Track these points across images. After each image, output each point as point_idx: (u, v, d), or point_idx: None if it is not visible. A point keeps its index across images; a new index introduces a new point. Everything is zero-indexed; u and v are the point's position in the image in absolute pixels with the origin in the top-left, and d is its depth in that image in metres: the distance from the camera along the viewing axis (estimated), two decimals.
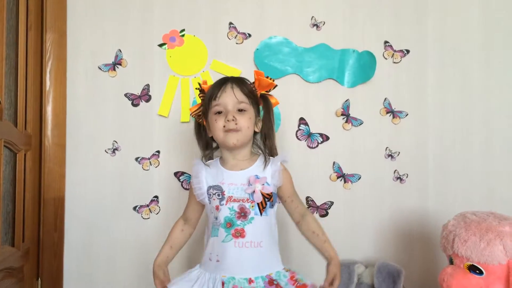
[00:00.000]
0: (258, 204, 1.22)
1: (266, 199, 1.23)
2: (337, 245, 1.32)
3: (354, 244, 1.75)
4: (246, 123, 1.25)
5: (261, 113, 1.33)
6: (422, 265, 1.76)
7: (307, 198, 1.74)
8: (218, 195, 1.24)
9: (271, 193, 1.25)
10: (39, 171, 1.69)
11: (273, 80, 1.31)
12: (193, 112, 1.34)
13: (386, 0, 1.77)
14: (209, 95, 1.26)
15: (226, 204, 1.22)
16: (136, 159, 1.73)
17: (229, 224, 1.21)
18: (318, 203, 1.75)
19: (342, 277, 1.60)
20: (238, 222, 1.21)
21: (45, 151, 1.69)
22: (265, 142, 1.31)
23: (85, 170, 1.72)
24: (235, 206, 1.22)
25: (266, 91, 1.32)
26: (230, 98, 1.24)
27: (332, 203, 1.75)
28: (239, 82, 1.27)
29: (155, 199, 1.73)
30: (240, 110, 1.25)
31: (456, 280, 1.25)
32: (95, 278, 1.72)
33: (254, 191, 1.22)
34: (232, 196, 1.23)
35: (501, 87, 1.78)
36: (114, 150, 1.72)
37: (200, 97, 1.33)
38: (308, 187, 1.75)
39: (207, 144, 1.36)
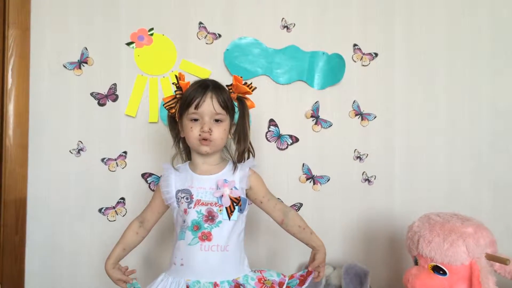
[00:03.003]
0: (226, 208, 1.22)
1: (234, 203, 1.23)
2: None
3: None
4: (221, 135, 1.25)
5: (236, 115, 1.32)
6: (389, 265, 1.79)
7: None
8: (187, 198, 1.23)
9: (239, 197, 1.25)
10: (0, 171, 1.62)
11: (251, 87, 1.29)
12: (167, 103, 1.29)
13: (356, 4, 1.79)
14: (188, 99, 1.23)
15: (194, 207, 1.22)
16: (102, 160, 1.68)
17: (196, 227, 1.21)
18: (288, 204, 1.74)
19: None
20: (206, 225, 1.21)
21: (6, 151, 1.63)
22: (238, 146, 1.31)
23: (48, 171, 1.66)
24: (203, 209, 1.22)
25: (243, 95, 1.31)
26: (208, 109, 1.23)
27: (301, 204, 1.76)
28: (219, 91, 1.25)
29: (122, 201, 1.69)
30: (217, 120, 1.25)
31: (420, 280, 1.27)
32: (58, 283, 1.67)
33: (222, 195, 1.23)
34: (200, 199, 1.23)
35: (464, 89, 1.83)
36: (79, 151, 1.68)
37: (176, 93, 1.29)
38: (277, 188, 1.73)
39: (179, 140, 1.35)
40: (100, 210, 1.68)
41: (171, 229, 1.39)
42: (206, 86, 1.25)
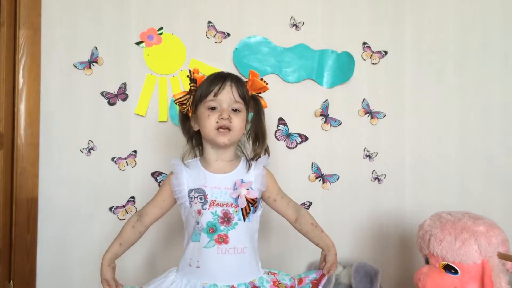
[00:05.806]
0: (242, 209, 1.18)
1: (250, 204, 1.19)
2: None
3: None
4: (240, 124, 1.21)
5: (250, 114, 1.29)
6: (399, 265, 1.78)
7: None
8: (201, 198, 1.18)
9: (256, 198, 1.21)
10: (11, 171, 1.64)
11: (267, 84, 1.27)
12: (178, 99, 1.24)
13: (365, 2, 1.79)
14: (205, 89, 1.20)
15: (209, 209, 1.17)
16: (113, 159, 1.69)
17: (212, 229, 1.16)
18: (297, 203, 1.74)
19: None
20: (222, 227, 1.17)
21: (18, 151, 1.64)
22: (255, 145, 1.27)
23: (59, 170, 1.67)
24: (219, 210, 1.17)
25: (257, 93, 1.29)
26: (228, 96, 1.19)
27: (310, 203, 1.75)
28: (238, 81, 1.23)
29: (132, 199, 1.70)
30: (235, 110, 1.21)
31: (432, 279, 1.27)
32: (69, 281, 1.68)
33: (239, 196, 1.18)
34: (215, 200, 1.18)
35: (475, 88, 1.81)
36: (90, 150, 1.69)
37: (191, 86, 1.24)
38: (286, 187, 1.71)
39: (192, 137, 1.30)
40: (110, 209, 1.69)
41: (178, 228, 1.36)
42: (224, 76, 1.22)
